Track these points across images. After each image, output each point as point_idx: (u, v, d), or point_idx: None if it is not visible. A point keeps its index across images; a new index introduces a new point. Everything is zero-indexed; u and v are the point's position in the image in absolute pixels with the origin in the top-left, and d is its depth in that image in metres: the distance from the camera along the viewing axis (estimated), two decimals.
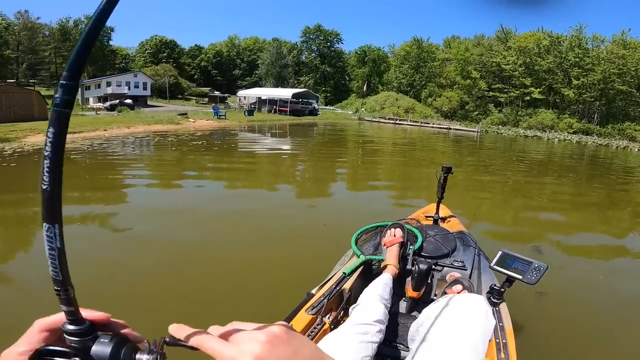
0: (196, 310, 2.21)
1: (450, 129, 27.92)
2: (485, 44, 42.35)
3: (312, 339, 1.12)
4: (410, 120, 30.84)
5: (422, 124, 29.61)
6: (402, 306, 1.50)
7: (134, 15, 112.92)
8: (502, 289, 1.31)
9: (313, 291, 1.38)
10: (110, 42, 44.44)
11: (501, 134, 29.14)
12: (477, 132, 26.98)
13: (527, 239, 3.99)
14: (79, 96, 25.63)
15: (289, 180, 6.65)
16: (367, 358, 0.91)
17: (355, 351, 0.90)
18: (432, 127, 28.87)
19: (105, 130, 11.62)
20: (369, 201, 5.24)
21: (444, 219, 2.19)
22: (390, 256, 1.47)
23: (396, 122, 30.03)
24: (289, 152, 10.38)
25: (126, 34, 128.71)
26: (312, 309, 1.22)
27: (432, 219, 2.12)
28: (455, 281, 1.39)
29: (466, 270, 1.52)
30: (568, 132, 32.22)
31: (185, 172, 6.62)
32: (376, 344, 0.98)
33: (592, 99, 35.00)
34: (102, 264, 2.77)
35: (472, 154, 13.66)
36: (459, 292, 1.29)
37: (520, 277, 1.23)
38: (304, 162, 8.84)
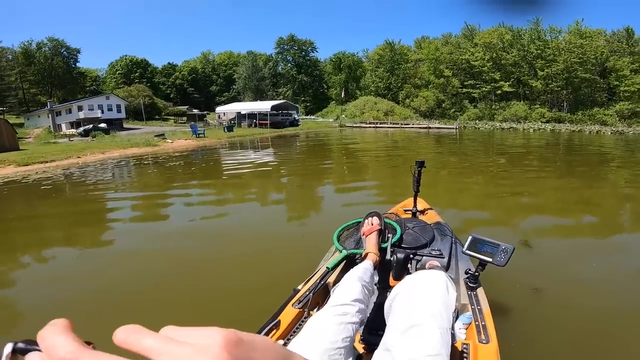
0: (187, 311, 2.34)
1: (430, 127, 28.44)
2: (453, 42, 43.76)
3: (299, 331, 1.14)
4: (391, 123, 31.31)
5: (402, 126, 30.07)
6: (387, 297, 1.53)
7: (100, 36, 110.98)
8: (477, 273, 1.36)
9: (299, 287, 1.45)
10: (78, 64, 43.46)
11: (479, 128, 29.92)
12: (456, 128, 27.60)
13: (514, 229, 3.95)
14: (50, 123, 24.71)
15: (273, 190, 6.50)
16: (347, 339, 0.90)
17: (335, 332, 0.89)
18: (412, 127, 29.35)
19: (79, 157, 11.14)
20: (355, 202, 5.18)
21: (422, 212, 2.28)
22: (370, 245, 1.48)
23: (377, 125, 30.40)
24: (271, 163, 10.23)
25: (94, 55, 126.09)
26: (298, 303, 1.29)
27: (410, 212, 2.22)
28: (431, 269, 1.44)
29: (444, 258, 1.58)
30: (541, 122, 33.47)
31: (164, 191, 6.37)
32: (356, 325, 0.97)
33: (559, 88, 36.64)
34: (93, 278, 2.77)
35: (453, 149, 13.89)
36: None
37: (490, 259, 1.28)
38: (287, 171, 8.71)
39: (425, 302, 0.92)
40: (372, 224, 1.56)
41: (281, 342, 1.10)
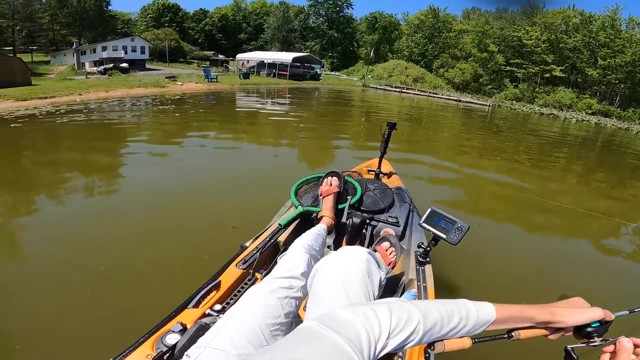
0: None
1: (460, 101, 26.44)
2: (508, 17, 39.65)
3: (241, 295, 1.07)
4: (418, 90, 29.23)
5: (430, 94, 28.11)
6: None
7: None
8: (428, 248, 1.30)
9: (247, 244, 1.34)
10: (110, 8, 43.25)
11: (515, 109, 27.56)
12: (489, 105, 25.49)
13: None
14: (74, 61, 25.17)
15: (259, 138, 6.04)
16: (290, 315, 0.86)
17: (278, 307, 0.84)
18: (441, 97, 27.48)
19: (80, 94, 10.77)
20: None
21: (385, 174, 2.17)
22: (326, 207, 1.41)
23: (402, 90, 28.53)
24: (276, 113, 9.73)
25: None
26: (243, 263, 1.19)
27: (374, 173, 2.13)
28: (383, 239, 1.37)
29: (399, 226, 1.53)
30: (586, 113, 30.51)
31: (138, 136, 5.98)
32: (300, 299, 0.92)
33: (617, 81, 33.08)
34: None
35: (481, 127, 12.83)
36: (386, 250, 1.30)
37: (444, 236, 1.25)
38: (285, 122, 8.15)
39: (340, 281, 0.82)
40: (331, 184, 1.47)
41: (218, 306, 1.02)
